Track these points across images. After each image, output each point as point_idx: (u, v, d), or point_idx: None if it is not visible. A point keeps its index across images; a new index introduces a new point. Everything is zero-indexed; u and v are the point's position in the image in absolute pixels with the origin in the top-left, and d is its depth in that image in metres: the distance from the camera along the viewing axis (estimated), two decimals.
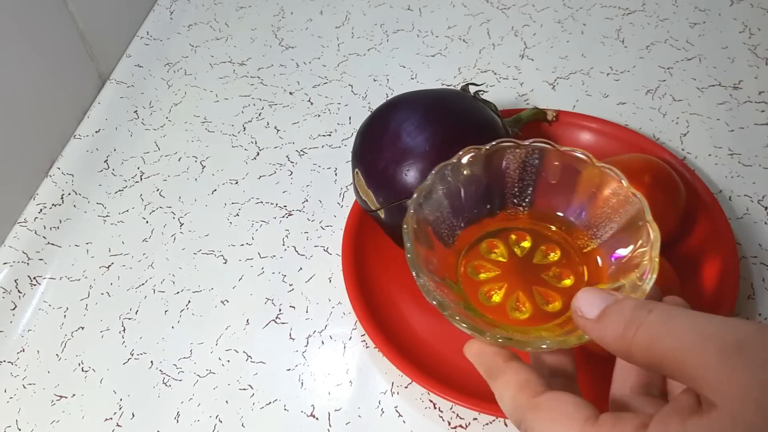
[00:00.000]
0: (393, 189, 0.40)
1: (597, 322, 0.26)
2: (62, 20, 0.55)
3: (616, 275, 0.32)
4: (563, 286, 0.33)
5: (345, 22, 0.64)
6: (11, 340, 0.45)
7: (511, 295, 0.33)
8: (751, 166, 0.48)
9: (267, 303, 0.45)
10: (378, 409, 0.40)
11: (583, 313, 0.26)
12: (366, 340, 0.43)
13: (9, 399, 0.43)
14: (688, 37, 0.58)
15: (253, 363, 0.43)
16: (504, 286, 0.34)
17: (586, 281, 0.33)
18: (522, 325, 0.32)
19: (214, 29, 0.65)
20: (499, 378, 0.28)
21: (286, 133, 0.55)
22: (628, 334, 0.24)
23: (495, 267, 0.34)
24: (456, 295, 0.33)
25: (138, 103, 0.59)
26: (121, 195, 0.53)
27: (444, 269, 0.34)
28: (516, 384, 0.27)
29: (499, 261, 0.35)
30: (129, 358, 0.44)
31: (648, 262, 0.30)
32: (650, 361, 0.23)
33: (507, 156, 0.36)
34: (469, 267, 0.35)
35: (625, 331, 0.24)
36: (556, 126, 0.50)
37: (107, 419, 0.41)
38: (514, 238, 0.36)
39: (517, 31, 0.61)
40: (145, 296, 0.46)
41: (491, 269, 0.34)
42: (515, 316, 0.32)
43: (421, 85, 0.57)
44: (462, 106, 0.43)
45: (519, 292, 0.33)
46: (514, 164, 0.36)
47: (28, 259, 0.49)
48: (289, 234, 0.49)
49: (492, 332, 0.30)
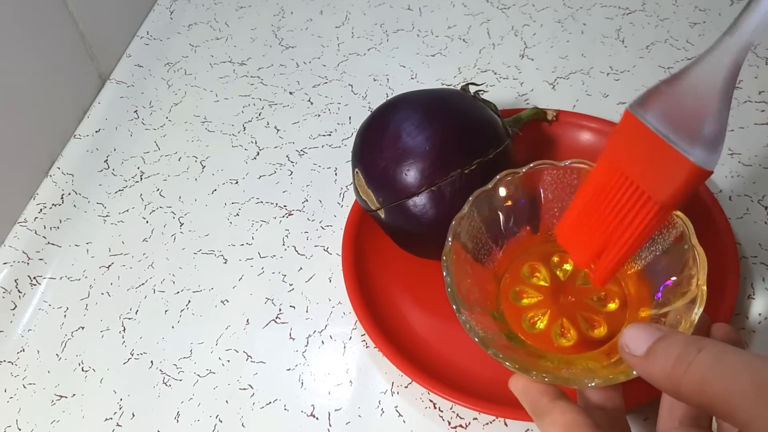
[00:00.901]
0: (393, 189, 0.40)
1: (645, 359, 0.25)
2: (62, 20, 0.55)
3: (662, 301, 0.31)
4: (608, 310, 0.33)
5: (345, 22, 0.64)
6: (11, 340, 0.45)
7: (556, 321, 0.33)
8: (751, 166, 0.48)
9: (267, 303, 0.45)
10: (378, 409, 0.40)
11: (631, 350, 0.26)
12: (366, 340, 0.43)
13: (9, 399, 0.43)
14: (688, 36, 0.58)
15: (253, 363, 0.43)
16: (548, 312, 0.33)
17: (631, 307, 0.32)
18: (567, 352, 0.32)
19: (214, 29, 0.65)
20: (545, 417, 0.28)
21: (286, 132, 0.55)
22: (677, 372, 0.24)
23: (537, 292, 0.34)
24: (498, 323, 0.33)
25: (138, 102, 0.59)
26: (121, 195, 0.53)
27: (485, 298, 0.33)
28: (563, 425, 0.27)
29: (541, 285, 0.34)
30: (129, 358, 0.44)
31: (695, 290, 0.29)
32: (700, 402, 0.23)
33: (544, 177, 0.35)
34: (511, 293, 0.34)
35: (674, 370, 0.24)
36: (556, 126, 0.50)
37: (107, 419, 0.41)
38: (556, 261, 0.35)
39: (517, 31, 0.61)
40: (145, 296, 0.46)
41: (534, 294, 0.34)
42: (560, 343, 0.32)
43: (421, 84, 0.57)
44: (462, 105, 0.43)
45: (563, 318, 0.33)
46: (551, 185, 0.35)
47: (28, 259, 0.49)
48: (289, 234, 0.49)
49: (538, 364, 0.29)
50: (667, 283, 0.31)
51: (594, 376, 0.28)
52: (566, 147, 0.50)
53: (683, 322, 0.29)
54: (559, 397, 0.28)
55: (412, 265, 0.45)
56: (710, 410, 0.23)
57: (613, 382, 0.28)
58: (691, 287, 0.30)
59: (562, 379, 0.29)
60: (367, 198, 0.42)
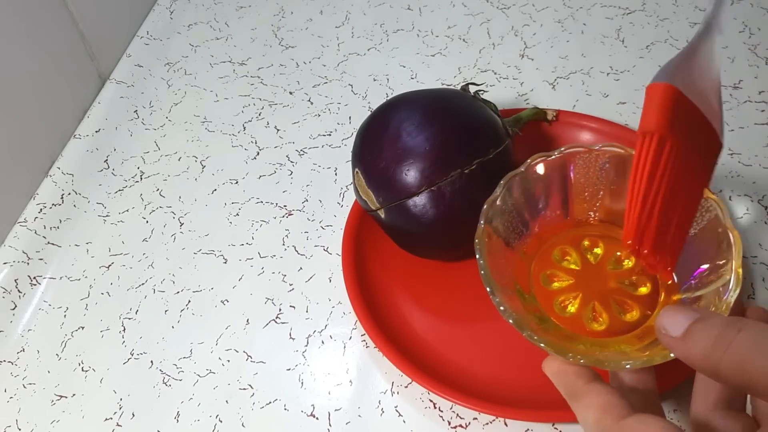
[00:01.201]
0: (393, 189, 0.40)
1: (682, 340, 0.25)
2: (62, 20, 0.55)
3: (696, 285, 0.31)
4: (640, 294, 0.33)
5: (345, 22, 0.64)
6: (11, 340, 0.45)
7: (587, 304, 0.32)
8: (751, 166, 0.48)
9: (267, 303, 0.45)
10: (378, 409, 0.40)
11: (668, 331, 0.26)
12: (366, 340, 0.43)
13: (9, 399, 0.43)
14: (688, 36, 0.58)
15: (253, 363, 0.43)
16: (579, 295, 0.33)
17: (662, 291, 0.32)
18: (599, 336, 0.31)
19: (214, 29, 0.65)
20: (581, 399, 0.28)
21: (286, 132, 0.55)
22: (716, 352, 0.24)
23: (568, 275, 0.34)
24: (529, 307, 0.33)
25: (138, 102, 0.59)
26: (121, 195, 0.53)
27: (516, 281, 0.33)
28: (599, 406, 0.27)
29: (572, 269, 0.34)
30: (129, 358, 0.44)
31: (729, 273, 0.29)
32: (741, 381, 0.23)
33: (576, 161, 0.35)
34: (542, 276, 0.34)
35: (713, 350, 0.24)
36: (556, 126, 0.50)
37: (107, 419, 0.41)
38: (586, 245, 0.35)
39: (517, 30, 0.61)
40: (145, 296, 0.46)
41: (565, 278, 0.34)
42: (592, 327, 0.32)
43: (421, 84, 0.57)
44: (462, 105, 0.43)
45: (595, 302, 0.32)
46: (583, 169, 0.35)
47: (28, 259, 0.49)
48: (289, 234, 0.49)
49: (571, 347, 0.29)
50: (701, 268, 0.31)
51: (628, 359, 0.28)
52: None
53: (718, 304, 0.29)
54: (594, 380, 0.28)
55: (412, 265, 0.45)
56: (751, 389, 0.23)
57: (649, 364, 0.28)
58: (725, 270, 0.30)
59: (597, 360, 0.29)
60: (367, 198, 0.42)
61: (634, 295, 0.33)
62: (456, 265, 0.45)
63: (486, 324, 0.42)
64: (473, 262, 0.45)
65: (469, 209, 0.40)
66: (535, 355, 0.40)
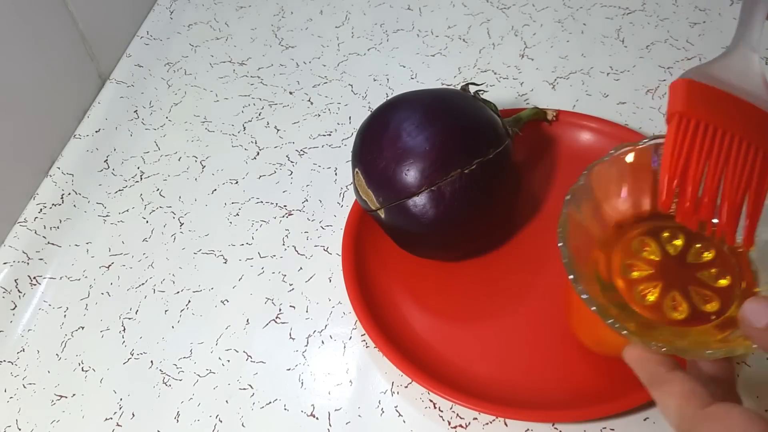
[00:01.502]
0: (393, 189, 0.40)
1: (766, 331, 0.26)
2: (62, 20, 0.55)
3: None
4: (720, 286, 0.33)
5: (345, 22, 0.64)
6: (11, 340, 0.45)
7: (667, 294, 0.32)
8: None
9: (267, 303, 0.45)
10: (378, 409, 0.40)
11: (751, 322, 0.26)
12: (366, 340, 0.43)
13: (9, 399, 0.43)
14: (688, 36, 0.58)
15: (253, 363, 0.43)
16: (659, 285, 0.33)
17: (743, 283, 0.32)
18: (679, 325, 0.32)
19: (214, 29, 0.65)
20: (662, 387, 0.28)
21: (286, 132, 0.55)
22: None
23: (648, 266, 0.34)
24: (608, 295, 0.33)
25: (138, 102, 0.59)
26: (121, 195, 0.53)
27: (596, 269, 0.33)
28: (681, 394, 0.27)
29: (652, 259, 0.34)
30: (129, 358, 0.44)
31: None
32: None
33: (660, 152, 0.35)
34: (622, 265, 0.34)
35: None
36: (556, 126, 0.50)
37: (107, 419, 0.41)
38: (666, 236, 0.35)
39: (517, 30, 0.61)
40: (145, 296, 0.46)
41: (644, 268, 0.34)
42: (672, 316, 0.32)
43: (421, 84, 0.57)
44: (462, 105, 0.43)
45: (675, 291, 0.33)
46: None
47: (28, 259, 0.49)
48: (289, 234, 0.49)
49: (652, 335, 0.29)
50: None
51: (709, 349, 0.29)
52: (566, 147, 0.50)
53: None
54: (675, 368, 0.29)
55: (412, 265, 0.45)
56: None
57: (731, 354, 0.28)
58: None
59: (679, 349, 0.29)
60: (367, 198, 0.42)
61: (714, 287, 0.33)
62: (456, 265, 0.45)
63: (486, 324, 0.42)
64: (473, 262, 0.45)
65: (469, 209, 0.40)
66: (535, 355, 0.41)
